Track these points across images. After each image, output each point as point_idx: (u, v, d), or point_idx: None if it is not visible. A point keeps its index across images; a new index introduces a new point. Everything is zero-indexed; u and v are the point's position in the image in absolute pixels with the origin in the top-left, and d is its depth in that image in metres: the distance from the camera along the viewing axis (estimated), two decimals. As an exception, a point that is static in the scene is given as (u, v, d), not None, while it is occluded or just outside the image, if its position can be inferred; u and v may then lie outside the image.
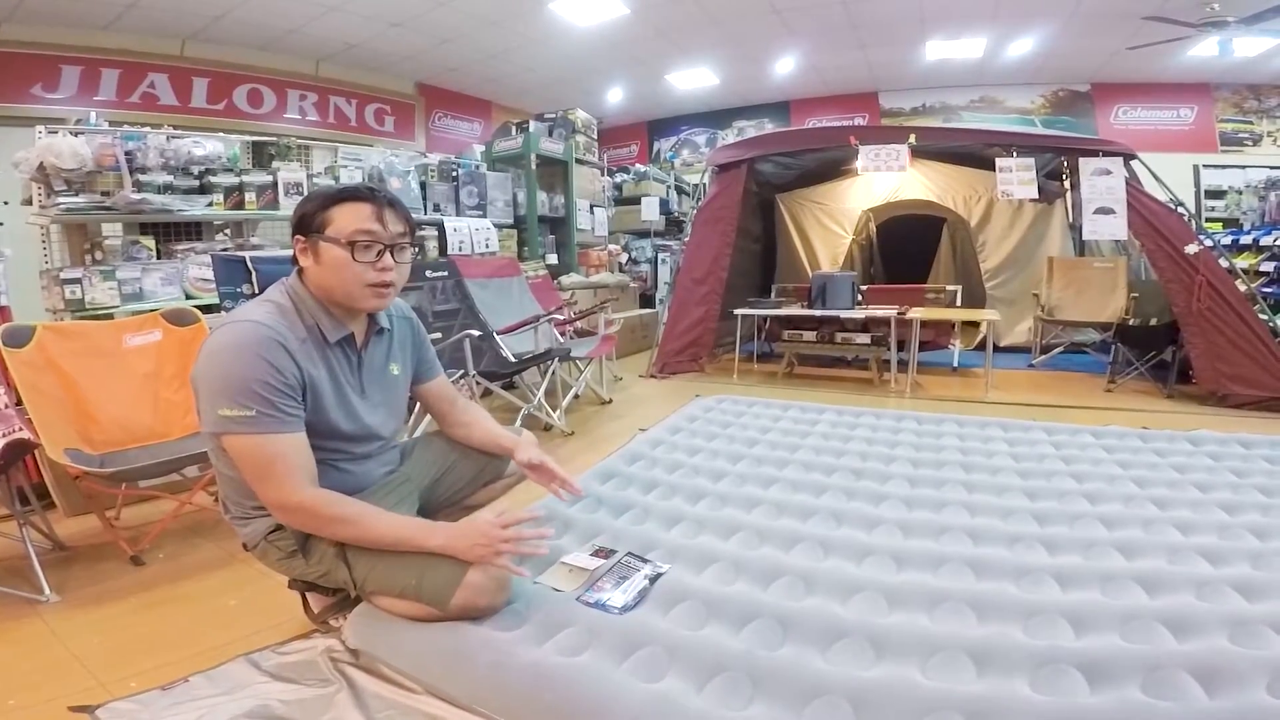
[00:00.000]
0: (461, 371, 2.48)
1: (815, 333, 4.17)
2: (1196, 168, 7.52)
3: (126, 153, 3.20)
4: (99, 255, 3.16)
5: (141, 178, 3.24)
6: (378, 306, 1.25)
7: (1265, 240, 5.47)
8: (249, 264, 2.45)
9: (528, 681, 1.08)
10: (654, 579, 1.41)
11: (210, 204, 3.50)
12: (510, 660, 1.11)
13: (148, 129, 3.50)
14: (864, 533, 1.59)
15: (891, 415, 2.71)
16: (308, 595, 1.36)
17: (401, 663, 1.16)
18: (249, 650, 1.31)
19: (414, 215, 4.11)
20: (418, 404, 1.54)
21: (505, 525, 1.18)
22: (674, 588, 1.36)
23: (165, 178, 3.34)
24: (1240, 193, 6.96)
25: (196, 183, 3.48)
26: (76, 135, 3.05)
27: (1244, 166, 7.43)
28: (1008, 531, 1.56)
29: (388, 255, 1.21)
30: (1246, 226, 6.35)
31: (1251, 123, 7.77)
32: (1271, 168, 6.95)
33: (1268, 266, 5.30)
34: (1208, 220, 7.10)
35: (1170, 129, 7.78)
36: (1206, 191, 7.48)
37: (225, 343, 1.12)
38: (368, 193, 1.22)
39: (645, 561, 1.49)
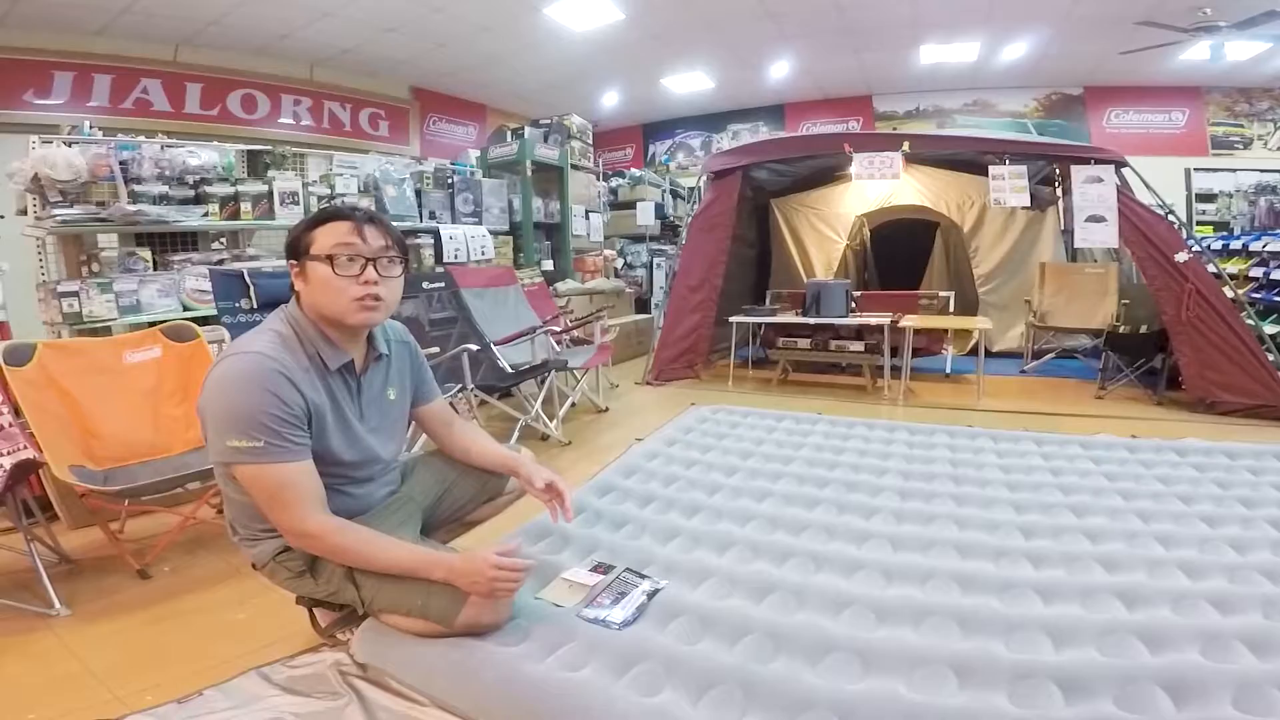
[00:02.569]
0: (460, 385, 2.51)
1: (810, 340, 4.21)
2: (1188, 171, 7.59)
3: (121, 163, 3.20)
4: (95, 267, 3.15)
5: (136, 188, 3.25)
6: (367, 321, 1.26)
7: (1254, 246, 5.53)
8: (246, 278, 2.47)
9: (531, 695, 1.12)
10: (651, 595, 1.45)
11: (206, 214, 3.50)
12: (514, 675, 1.15)
13: (141, 138, 3.50)
14: (854, 547, 1.64)
15: (884, 426, 2.75)
16: (314, 610, 1.39)
17: (409, 677, 1.20)
18: (260, 664, 1.34)
19: (410, 223, 4.19)
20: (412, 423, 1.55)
21: (498, 566, 1.20)
22: (671, 603, 1.40)
23: (160, 188, 3.34)
24: (1231, 196, 7.02)
25: (192, 192, 3.48)
26: (70, 145, 3.05)
27: (1234, 170, 7.49)
28: (994, 545, 1.61)
29: (371, 268, 1.23)
30: (1237, 230, 6.41)
31: (1242, 126, 7.83)
32: (1262, 171, 7.01)
33: (1256, 272, 5.36)
34: (1198, 224, 7.17)
35: (1162, 132, 7.83)
36: (1197, 195, 7.55)
37: (231, 375, 1.14)
38: (347, 211, 1.26)
39: (643, 577, 1.53)
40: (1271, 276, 5.17)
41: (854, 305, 4.22)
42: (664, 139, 9.59)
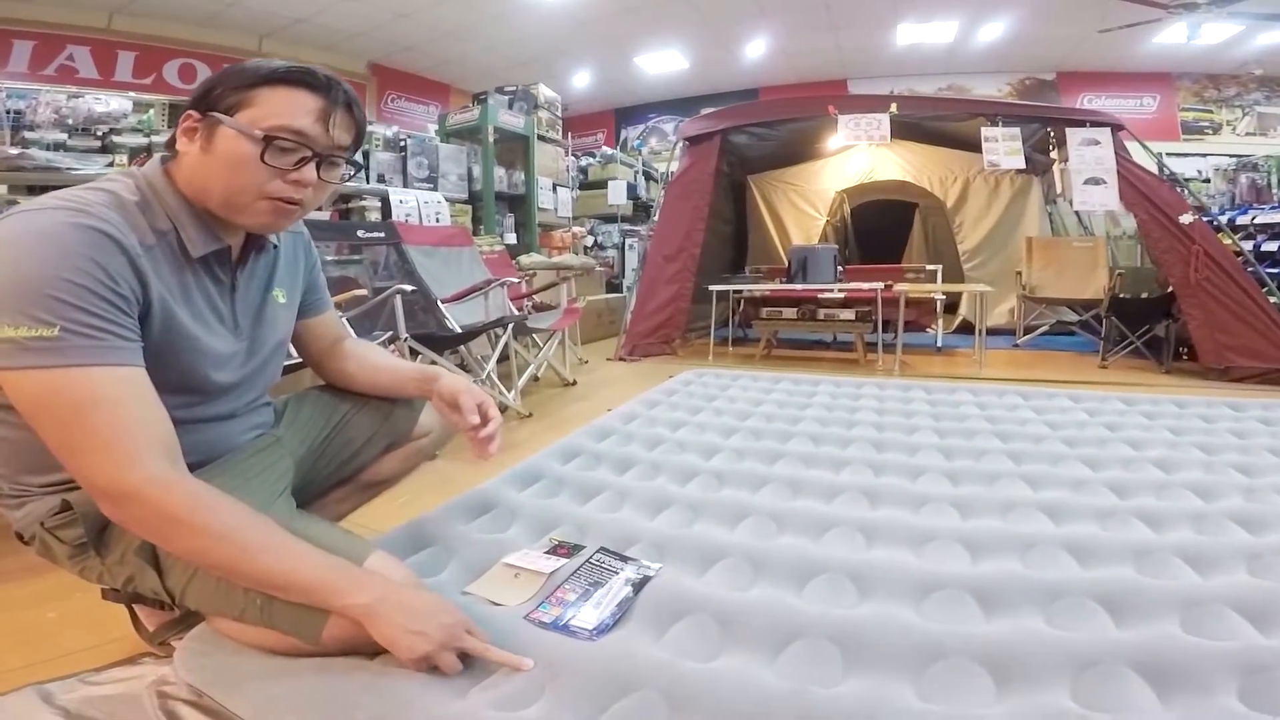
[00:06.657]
0: (390, 333, 2.05)
1: (796, 309, 3.88)
2: (1159, 156, 7.58)
3: (17, 112, 2.91)
4: (-37, 218, 2.69)
5: (29, 134, 2.90)
6: (267, 228, 0.85)
7: (1241, 220, 5.42)
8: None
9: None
10: (639, 585, 1.02)
11: (111, 164, 3.10)
12: (412, 715, 0.71)
13: (43, 87, 3.15)
14: (911, 513, 1.22)
15: (896, 385, 2.38)
16: (135, 607, 0.93)
17: (246, 709, 0.75)
18: (49, 678, 0.90)
19: (354, 183, 3.71)
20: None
21: (471, 630, 0.80)
22: (668, 596, 0.97)
23: (58, 135, 2.98)
24: (1208, 180, 7.00)
25: (98, 143, 3.11)
26: (-48, 93, 2.65)
27: (1205, 155, 7.53)
28: (1091, 506, 1.22)
29: (310, 167, 0.80)
30: (1215, 210, 6.35)
31: (1211, 111, 7.91)
32: (1231, 155, 7.04)
33: (1245, 245, 5.25)
34: (1173, 207, 7.14)
35: (1134, 117, 7.84)
36: (1169, 178, 7.54)
37: (16, 231, 0.68)
38: (322, 79, 0.81)
39: (625, 560, 1.10)
40: (1263, 249, 5.07)
41: (841, 274, 3.92)
42: (637, 123, 9.27)
